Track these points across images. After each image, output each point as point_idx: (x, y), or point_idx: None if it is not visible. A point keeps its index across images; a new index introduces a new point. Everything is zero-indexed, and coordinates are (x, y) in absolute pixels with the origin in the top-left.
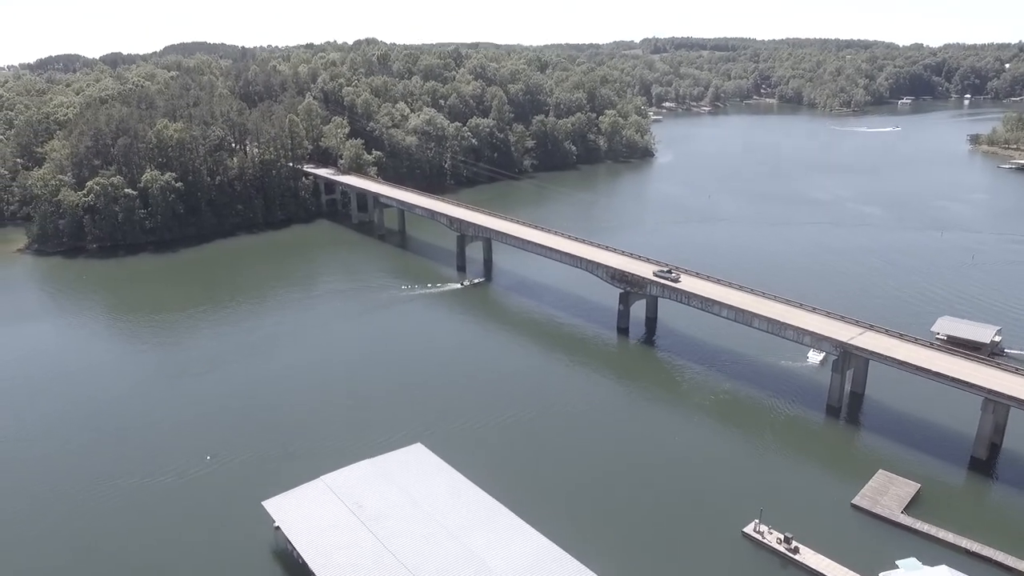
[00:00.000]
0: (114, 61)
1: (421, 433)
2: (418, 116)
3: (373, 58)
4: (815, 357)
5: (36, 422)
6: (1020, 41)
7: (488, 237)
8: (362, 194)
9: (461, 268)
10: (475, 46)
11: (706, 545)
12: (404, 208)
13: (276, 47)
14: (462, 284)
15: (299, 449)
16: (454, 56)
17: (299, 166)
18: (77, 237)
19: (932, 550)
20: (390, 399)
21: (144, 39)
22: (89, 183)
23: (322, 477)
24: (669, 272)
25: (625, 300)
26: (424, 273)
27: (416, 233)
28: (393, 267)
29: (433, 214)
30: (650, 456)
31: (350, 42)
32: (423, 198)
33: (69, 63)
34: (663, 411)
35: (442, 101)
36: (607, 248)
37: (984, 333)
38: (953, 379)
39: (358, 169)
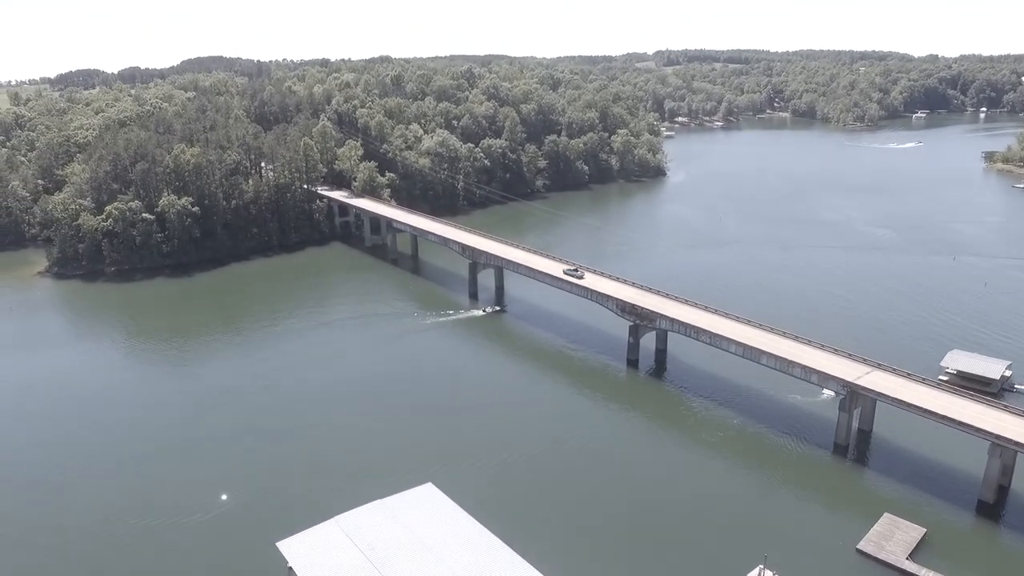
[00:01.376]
0: (132, 76)
1: (432, 471)
2: (431, 138)
3: (387, 79)
4: (829, 391)
5: (49, 452)
6: None
7: (499, 265)
8: (375, 218)
9: (473, 295)
10: (489, 60)
11: None
12: (417, 234)
13: (291, 61)
14: (483, 311)
15: (312, 486)
16: (467, 76)
17: (313, 189)
18: (96, 260)
19: None
20: (402, 435)
21: (162, 53)
22: (108, 208)
23: (335, 518)
24: (575, 271)
25: (635, 333)
26: (436, 300)
27: (429, 258)
28: (406, 293)
29: (446, 241)
30: (659, 496)
31: (365, 56)
32: (436, 224)
33: (88, 79)
34: (672, 448)
35: (455, 122)
36: (616, 279)
37: (994, 369)
38: (960, 423)
39: (372, 192)
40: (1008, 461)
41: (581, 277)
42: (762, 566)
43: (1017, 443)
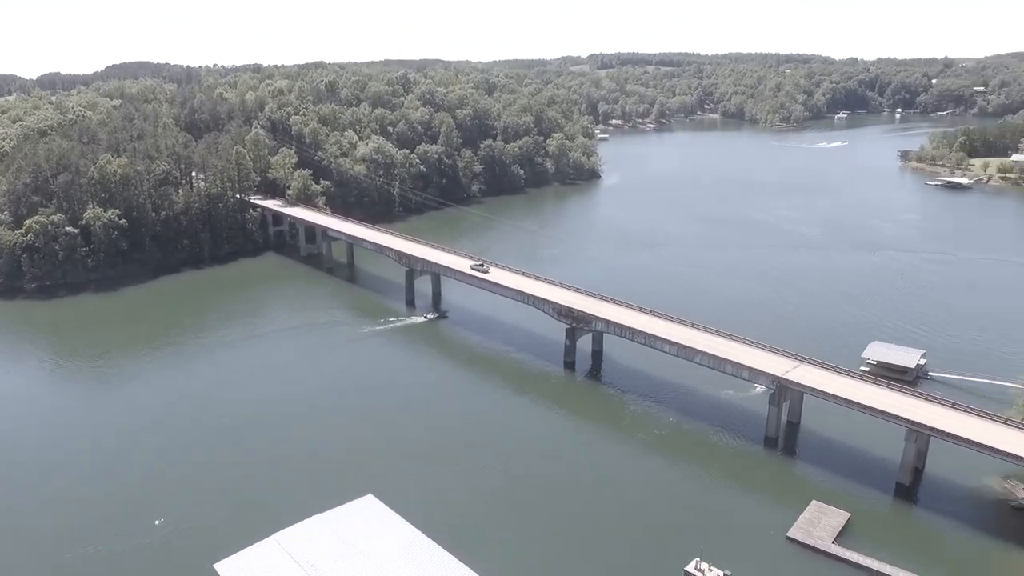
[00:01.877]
0: (52, 83)
1: (373, 483)
2: (366, 144)
3: (321, 85)
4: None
5: None
6: (945, 57)
7: (436, 272)
8: (310, 227)
9: (411, 303)
10: (424, 65)
11: None
12: (352, 242)
13: (222, 67)
14: (426, 317)
15: (250, 504)
16: (402, 82)
17: (246, 198)
18: (15, 277)
19: None
20: (341, 446)
21: (84, 58)
22: (28, 221)
23: (274, 536)
24: (481, 265)
25: (571, 335)
26: (374, 308)
27: (365, 266)
28: (342, 302)
29: (382, 248)
30: (599, 495)
31: (298, 62)
32: (372, 231)
33: (4, 85)
34: (610, 448)
35: (390, 128)
36: (552, 283)
37: (910, 358)
38: (879, 411)
39: (306, 200)
40: (922, 445)
41: (486, 272)
42: (699, 559)
43: (930, 428)
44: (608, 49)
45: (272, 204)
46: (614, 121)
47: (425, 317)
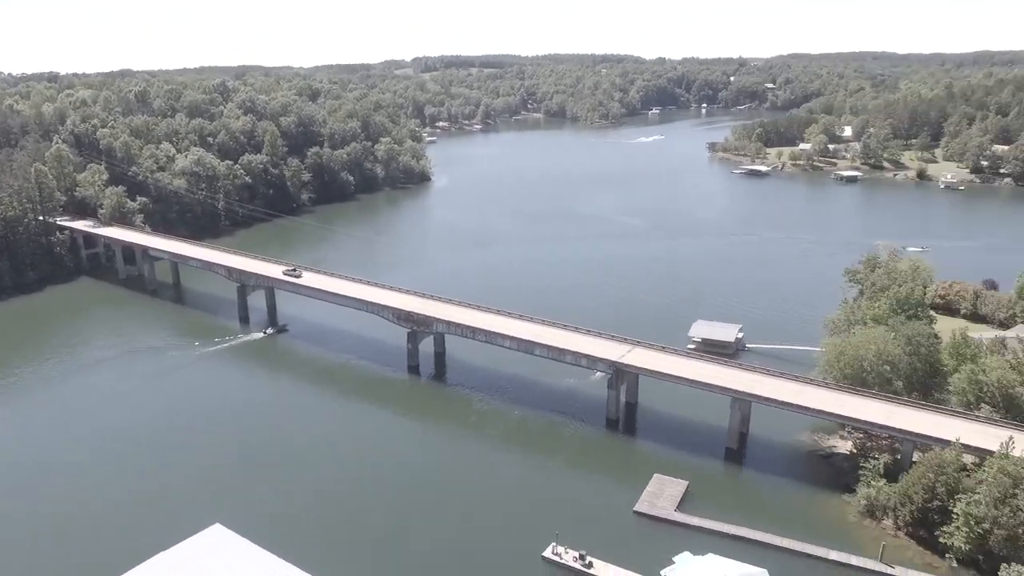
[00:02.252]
0: None
1: (218, 511)
2: (185, 157)
3: (130, 95)
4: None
5: None
6: (740, 57)
7: (270, 286)
8: (128, 247)
9: (244, 320)
10: (243, 72)
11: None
12: (177, 261)
13: (10, 75)
14: (265, 333)
15: (87, 550)
16: (220, 90)
17: (52, 220)
18: None
19: (702, 540)
20: (181, 476)
21: None
22: None
23: None
24: (294, 270)
25: (413, 339)
26: (206, 329)
27: (193, 284)
28: (171, 325)
29: (210, 265)
30: (452, 495)
31: (102, 70)
32: (198, 248)
33: None
34: (458, 447)
35: (211, 139)
36: (391, 288)
37: (729, 333)
38: (705, 384)
39: (122, 219)
40: (745, 411)
41: (299, 276)
42: (555, 543)
43: (750, 394)
44: (432, 52)
45: (82, 225)
46: (441, 123)
47: (264, 333)
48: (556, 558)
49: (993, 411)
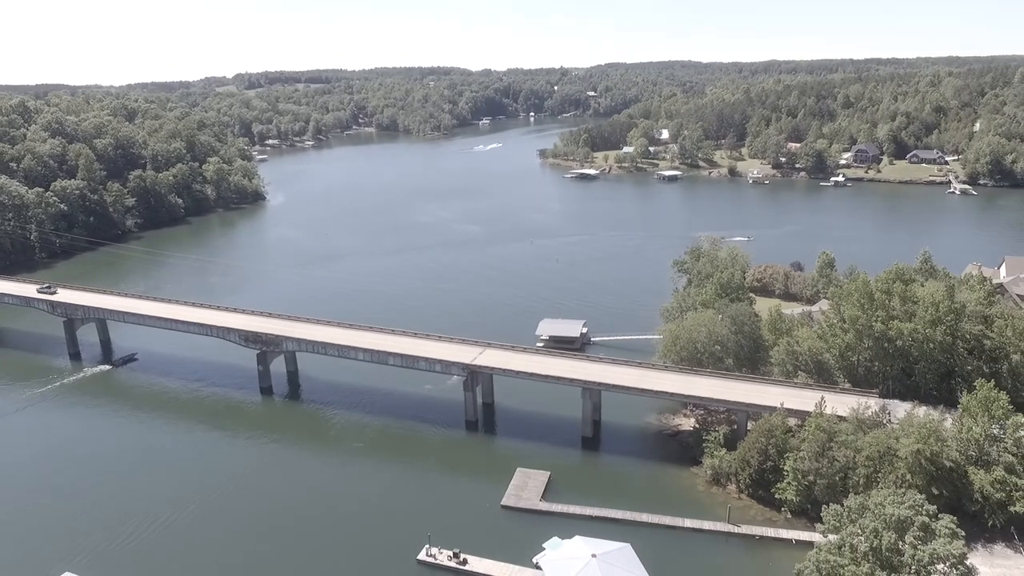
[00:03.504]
0: None
1: (70, 559)
2: None
3: None
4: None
5: None
6: (561, 67)
7: (102, 318)
8: None
9: (75, 356)
10: (44, 91)
11: None
12: None
13: None
14: (112, 366)
15: None
16: (20, 111)
17: None
18: None
19: (568, 525)
20: (25, 528)
21: None
22: None
23: None
24: (48, 287)
25: (263, 360)
26: (30, 370)
27: (9, 324)
28: None
29: (29, 301)
30: (318, 511)
31: None
32: (11, 283)
33: None
34: (320, 463)
35: (14, 164)
36: (236, 310)
37: (574, 328)
38: (556, 377)
39: None
40: (596, 399)
41: (54, 293)
42: (428, 545)
43: (598, 383)
44: (254, 68)
45: None
46: (271, 141)
47: (113, 365)
48: (431, 559)
49: (808, 377)
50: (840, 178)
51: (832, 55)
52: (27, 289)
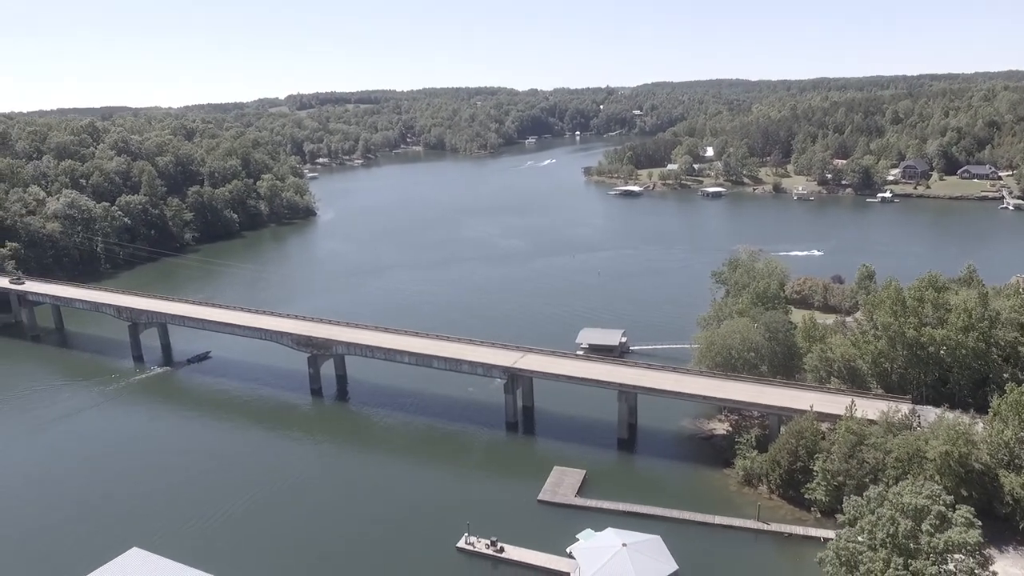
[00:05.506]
0: None
1: (136, 536)
2: (57, 199)
3: None
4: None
5: None
6: (607, 86)
7: (163, 322)
8: (2, 293)
9: (139, 358)
10: (109, 113)
11: (429, 567)
12: (60, 304)
13: None
14: (184, 364)
15: None
16: (89, 131)
17: None
18: None
19: (601, 519)
20: (95, 507)
21: None
22: None
23: None
24: (18, 279)
25: (313, 363)
26: (98, 371)
27: (78, 328)
28: (58, 370)
29: (97, 306)
30: (363, 504)
31: None
32: (81, 290)
33: None
34: (365, 460)
35: (83, 180)
36: (288, 316)
37: (613, 337)
38: (594, 380)
39: None
40: (632, 402)
41: (22, 283)
42: (467, 533)
43: (634, 386)
44: (305, 89)
45: None
46: (321, 160)
47: (185, 364)
48: (469, 547)
49: (840, 383)
50: (887, 194)
51: (883, 72)
52: (96, 295)
